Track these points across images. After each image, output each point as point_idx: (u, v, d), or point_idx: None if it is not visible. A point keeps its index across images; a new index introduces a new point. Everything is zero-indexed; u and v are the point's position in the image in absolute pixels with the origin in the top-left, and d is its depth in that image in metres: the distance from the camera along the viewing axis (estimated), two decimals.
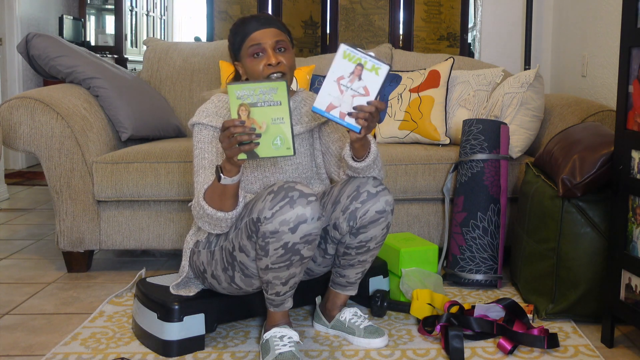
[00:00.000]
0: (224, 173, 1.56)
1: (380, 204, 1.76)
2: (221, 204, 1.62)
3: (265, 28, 1.74)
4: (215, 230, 1.70)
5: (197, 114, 1.79)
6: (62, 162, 2.45)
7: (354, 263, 1.86)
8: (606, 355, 1.80)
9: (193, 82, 3.15)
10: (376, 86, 1.58)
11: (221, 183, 1.57)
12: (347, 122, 1.59)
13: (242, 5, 4.90)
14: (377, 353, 1.81)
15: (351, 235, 1.80)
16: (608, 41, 2.94)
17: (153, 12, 7.53)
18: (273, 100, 1.51)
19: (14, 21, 5.34)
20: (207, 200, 1.64)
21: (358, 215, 1.76)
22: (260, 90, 1.50)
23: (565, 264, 1.99)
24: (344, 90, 1.58)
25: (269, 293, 1.73)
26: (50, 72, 2.71)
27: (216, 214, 1.63)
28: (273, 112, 1.51)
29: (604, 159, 1.92)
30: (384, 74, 1.58)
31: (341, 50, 1.57)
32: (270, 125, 1.51)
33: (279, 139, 1.52)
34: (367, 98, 1.58)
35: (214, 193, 1.62)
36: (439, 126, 2.78)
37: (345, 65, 1.58)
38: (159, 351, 1.80)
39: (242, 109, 1.50)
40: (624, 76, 1.76)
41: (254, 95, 1.50)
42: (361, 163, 1.73)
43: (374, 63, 1.57)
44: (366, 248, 1.82)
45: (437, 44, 4.84)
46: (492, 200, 2.35)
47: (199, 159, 1.74)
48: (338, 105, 1.58)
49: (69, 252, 2.55)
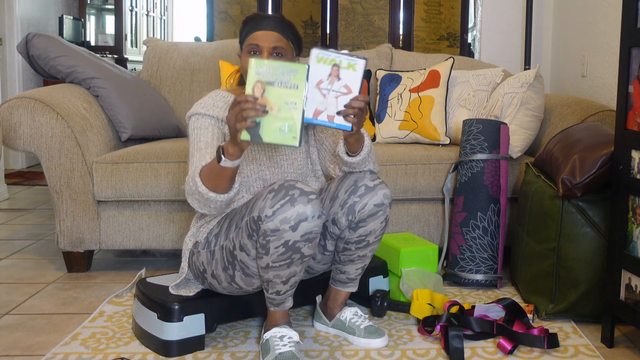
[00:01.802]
0: (226, 155, 1.55)
1: (379, 197, 1.77)
2: (216, 184, 1.61)
3: (268, 31, 1.75)
4: (203, 209, 1.67)
5: (194, 107, 1.81)
6: (62, 162, 2.45)
7: (354, 258, 1.86)
8: (606, 355, 1.80)
9: (193, 82, 3.15)
10: (357, 82, 1.57)
11: (220, 165, 1.56)
12: (337, 124, 1.59)
13: (242, 5, 4.90)
14: (377, 353, 1.81)
15: (350, 229, 1.81)
16: (608, 41, 2.94)
17: (153, 12, 7.52)
18: (291, 83, 1.48)
19: (14, 21, 5.34)
20: (202, 177, 1.63)
21: (357, 209, 1.77)
22: (280, 69, 1.47)
23: (565, 264, 1.99)
24: (325, 93, 1.57)
25: (270, 292, 1.73)
26: (50, 72, 2.71)
27: (208, 193, 1.61)
28: (288, 94, 1.48)
29: (604, 159, 1.93)
30: (362, 69, 1.57)
31: (314, 56, 1.56)
32: (281, 108, 1.48)
33: (287, 126, 1.48)
34: (350, 95, 1.57)
35: (210, 172, 1.61)
36: (439, 126, 2.78)
37: (321, 69, 1.57)
38: (159, 351, 1.80)
39: (257, 86, 1.47)
40: (624, 76, 1.76)
41: (274, 73, 1.47)
42: (356, 157, 1.74)
43: (349, 60, 1.56)
44: (365, 242, 1.83)
45: (437, 44, 4.85)
46: (492, 200, 2.35)
47: (194, 143, 1.75)
48: (324, 110, 1.58)
49: (69, 252, 2.55)
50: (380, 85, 3.00)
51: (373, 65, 3.19)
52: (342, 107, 1.57)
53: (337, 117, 1.58)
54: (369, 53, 3.25)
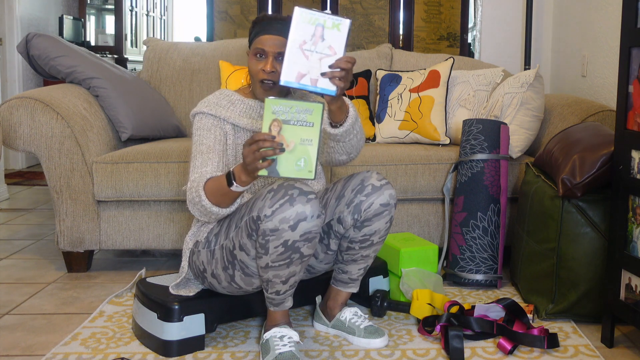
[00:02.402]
0: (237, 182, 1.57)
1: (385, 197, 1.78)
2: (220, 201, 1.65)
3: (274, 35, 1.75)
4: (202, 218, 1.72)
5: (199, 105, 1.83)
6: (62, 162, 2.45)
7: (357, 258, 1.86)
8: (606, 355, 1.80)
9: (193, 82, 3.15)
10: (342, 43, 1.53)
11: (231, 189, 1.59)
12: (320, 88, 1.55)
13: (242, 5, 4.90)
14: (377, 353, 1.81)
15: (355, 228, 1.82)
16: (608, 41, 2.94)
17: (153, 12, 7.52)
18: (306, 121, 1.50)
19: (14, 21, 5.34)
20: (206, 191, 1.65)
21: (363, 208, 1.78)
22: (296, 108, 1.49)
23: (565, 264, 1.99)
24: (309, 55, 1.53)
25: (269, 292, 1.73)
26: (50, 72, 2.71)
27: (211, 207, 1.66)
28: (304, 132, 1.50)
29: (604, 159, 1.92)
30: (346, 29, 1.53)
31: (297, 14, 1.51)
32: (297, 146, 1.50)
33: (303, 161, 1.51)
34: (335, 57, 1.53)
35: (217, 191, 1.63)
36: (439, 126, 2.78)
37: (304, 29, 1.52)
38: (159, 351, 1.80)
39: (274, 124, 1.50)
40: (624, 76, 1.76)
41: (289, 112, 1.49)
42: (340, 129, 1.71)
43: (333, 20, 1.53)
44: (370, 242, 1.83)
45: (437, 44, 4.85)
46: (492, 200, 2.35)
47: (197, 145, 1.78)
48: (307, 72, 1.54)
49: (69, 252, 2.55)
50: (380, 85, 3.00)
51: (373, 65, 3.19)
52: (327, 69, 1.53)
53: (320, 79, 1.54)
54: (369, 53, 3.25)
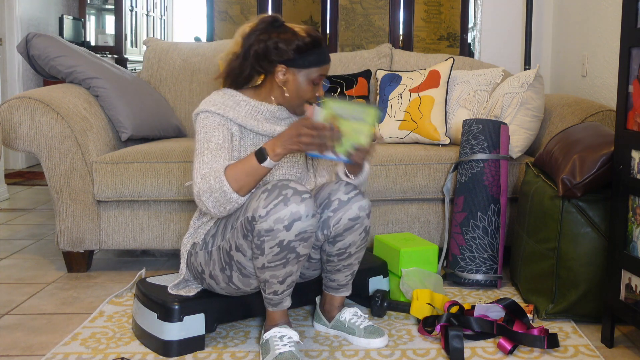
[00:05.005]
0: (271, 156, 1.61)
1: (353, 211, 1.75)
2: (243, 184, 1.63)
3: (329, 63, 1.82)
4: (216, 209, 1.66)
5: (204, 103, 1.79)
6: (62, 162, 2.45)
7: (340, 268, 1.86)
8: (606, 355, 1.80)
9: (193, 82, 3.15)
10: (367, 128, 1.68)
11: (262, 165, 1.61)
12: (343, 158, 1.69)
13: (242, 5, 4.90)
14: (377, 353, 1.81)
15: (329, 243, 1.81)
16: (608, 41, 2.94)
17: (153, 12, 7.52)
18: (362, 119, 1.65)
19: (14, 21, 5.34)
20: (228, 177, 1.62)
21: (331, 223, 1.76)
22: (352, 109, 1.65)
23: (565, 264, 1.99)
24: None
25: (267, 292, 1.73)
26: (50, 72, 2.71)
27: (232, 193, 1.62)
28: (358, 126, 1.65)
29: (604, 159, 1.92)
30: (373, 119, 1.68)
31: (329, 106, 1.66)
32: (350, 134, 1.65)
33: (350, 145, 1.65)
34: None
35: (242, 172, 1.62)
36: (439, 126, 2.78)
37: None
38: (159, 351, 1.80)
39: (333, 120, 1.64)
40: (624, 76, 1.76)
41: (348, 113, 1.65)
42: (354, 180, 1.83)
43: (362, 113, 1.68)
44: (347, 254, 1.82)
45: (437, 44, 4.85)
46: (492, 200, 2.35)
47: (204, 142, 1.73)
48: None
49: (69, 252, 2.55)
50: (380, 85, 3.00)
51: (373, 65, 3.19)
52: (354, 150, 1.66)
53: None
54: (369, 53, 3.25)
